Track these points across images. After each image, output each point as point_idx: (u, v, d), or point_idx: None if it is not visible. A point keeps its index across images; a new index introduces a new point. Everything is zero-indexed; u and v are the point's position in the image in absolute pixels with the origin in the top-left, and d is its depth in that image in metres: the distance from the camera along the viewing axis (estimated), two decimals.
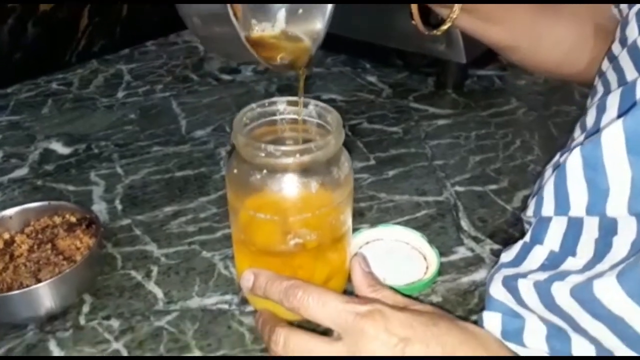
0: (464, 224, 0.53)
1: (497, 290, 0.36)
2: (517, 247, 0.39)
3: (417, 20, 0.53)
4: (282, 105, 0.39)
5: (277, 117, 0.39)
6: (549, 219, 0.37)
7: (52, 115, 0.71)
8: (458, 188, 0.57)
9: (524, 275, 0.35)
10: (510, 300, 0.35)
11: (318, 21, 0.42)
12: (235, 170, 0.37)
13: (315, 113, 0.39)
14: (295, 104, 0.39)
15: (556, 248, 0.36)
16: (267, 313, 0.38)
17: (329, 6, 0.41)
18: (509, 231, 0.52)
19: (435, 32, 0.53)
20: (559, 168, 0.36)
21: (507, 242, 0.50)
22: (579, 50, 0.55)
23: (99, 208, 0.54)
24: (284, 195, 0.36)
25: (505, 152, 0.63)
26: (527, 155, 0.63)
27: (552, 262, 0.35)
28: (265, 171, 0.36)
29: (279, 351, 0.34)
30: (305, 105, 0.39)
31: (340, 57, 0.86)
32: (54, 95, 0.75)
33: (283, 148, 0.34)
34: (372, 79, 0.79)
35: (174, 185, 0.58)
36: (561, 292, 0.32)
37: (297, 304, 0.34)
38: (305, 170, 0.36)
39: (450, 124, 0.69)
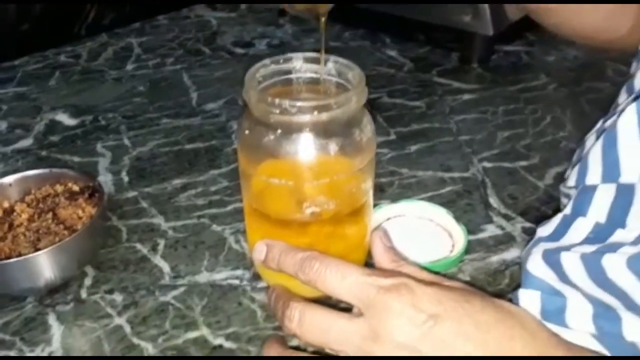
0: (493, 201, 0.49)
1: (535, 266, 0.32)
2: (555, 220, 0.35)
3: None
4: (298, 62, 0.36)
5: (293, 76, 0.36)
6: (594, 189, 0.33)
7: (59, 87, 0.68)
8: (486, 164, 0.54)
9: (567, 249, 0.31)
10: (550, 277, 0.32)
11: None
12: (247, 132, 0.34)
13: (335, 71, 0.35)
14: (312, 60, 0.35)
15: (602, 219, 0.32)
16: (280, 288, 0.34)
17: None
18: (542, 209, 0.48)
19: None
20: (608, 131, 0.33)
21: (540, 220, 0.46)
22: (620, 14, 0.51)
23: (105, 179, 0.51)
24: (300, 158, 0.33)
25: (535, 128, 0.59)
26: (559, 131, 0.59)
27: (598, 235, 0.31)
28: (279, 131, 0.32)
29: (294, 328, 0.31)
30: (324, 62, 0.35)
31: (358, 31, 0.82)
32: (62, 67, 0.73)
33: (299, 104, 0.31)
34: (392, 53, 0.75)
35: (184, 157, 0.55)
36: (615, 264, 0.28)
37: (313, 276, 0.31)
38: (323, 131, 0.32)
39: (477, 99, 0.65)
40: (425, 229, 0.45)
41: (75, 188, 0.44)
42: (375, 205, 0.45)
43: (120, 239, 0.45)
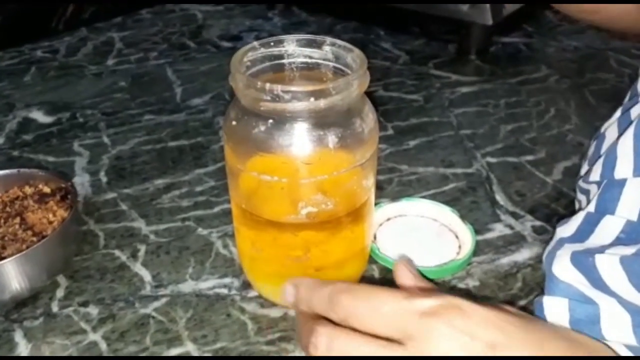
0: (500, 198, 0.46)
1: (563, 270, 0.29)
2: (577, 219, 0.32)
3: None
4: (291, 45, 0.32)
5: (285, 61, 0.32)
6: (622, 184, 0.30)
7: (34, 83, 0.64)
8: (490, 159, 0.50)
9: (600, 251, 0.28)
10: (581, 282, 0.28)
11: None
12: (234, 122, 0.30)
13: (332, 55, 0.32)
14: (306, 43, 0.32)
15: (634, 217, 0.29)
16: (304, 309, 0.28)
17: None
18: (552, 206, 0.45)
19: None
20: (639, 121, 0.29)
21: (551, 218, 0.43)
22: None
23: (81, 180, 0.47)
24: (294, 151, 0.29)
25: (539, 121, 0.56)
26: (564, 124, 0.56)
27: (630, 234, 0.28)
28: (271, 121, 0.29)
29: (320, 356, 0.26)
30: (320, 45, 0.32)
31: (351, 24, 0.79)
32: (38, 62, 0.68)
33: (294, 89, 0.27)
34: (386, 45, 0.72)
35: (167, 156, 0.51)
36: None
37: (344, 314, 0.26)
38: (321, 121, 0.29)
39: (476, 91, 0.62)
40: (429, 230, 0.42)
41: (47, 190, 0.40)
42: (374, 204, 0.42)
43: (97, 245, 0.41)
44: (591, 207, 0.31)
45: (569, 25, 0.76)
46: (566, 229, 0.32)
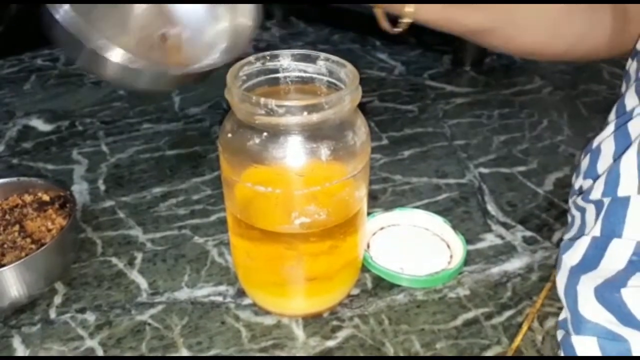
0: (491, 208, 0.46)
1: (591, 310, 0.29)
2: (582, 244, 0.32)
3: (382, 21, 0.52)
4: (286, 59, 0.33)
5: (280, 75, 0.33)
6: (626, 203, 0.30)
7: (34, 92, 0.65)
8: (482, 169, 0.51)
9: (622, 284, 0.28)
10: (610, 321, 0.28)
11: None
12: (229, 135, 0.31)
13: (325, 70, 0.33)
14: (301, 58, 0.33)
15: None
16: None
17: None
18: (542, 216, 0.46)
19: (396, 29, 0.49)
20: None
21: (541, 229, 0.44)
22: (565, 25, 0.50)
23: (80, 188, 0.48)
24: (288, 163, 0.30)
25: (532, 132, 0.57)
26: (557, 135, 0.57)
27: None
28: (265, 134, 0.30)
29: None
30: (314, 59, 0.33)
31: (348, 34, 0.80)
32: (39, 71, 0.69)
33: (287, 103, 0.28)
34: (382, 56, 0.73)
35: (165, 164, 0.52)
36: None
37: None
38: (314, 134, 0.30)
39: (470, 103, 0.63)
40: (421, 239, 0.43)
41: (46, 198, 0.40)
42: (368, 214, 0.43)
43: (95, 253, 0.41)
44: (596, 231, 0.31)
45: None
46: (573, 256, 0.32)
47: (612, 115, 0.41)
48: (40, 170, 0.51)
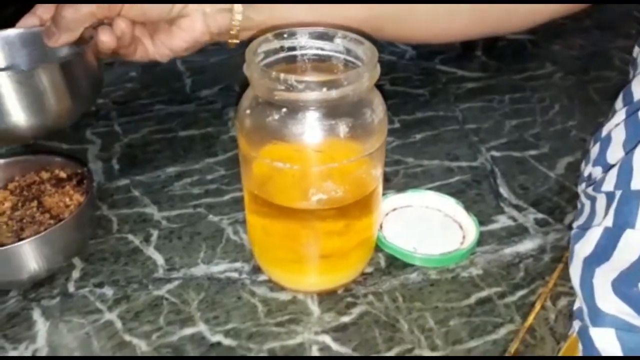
0: (503, 191, 0.47)
1: (608, 303, 0.29)
2: (594, 234, 0.32)
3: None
4: (303, 37, 0.33)
5: (298, 53, 0.33)
6: (639, 195, 0.30)
7: None
8: (494, 153, 0.51)
9: (638, 277, 0.28)
10: (627, 313, 0.29)
11: None
12: (247, 111, 0.31)
13: (343, 47, 0.33)
14: (319, 36, 0.33)
15: None
16: None
17: None
18: (554, 199, 0.46)
19: (230, 41, 0.49)
20: None
21: (553, 211, 0.45)
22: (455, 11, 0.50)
23: (94, 167, 0.49)
24: (306, 140, 0.30)
25: (543, 117, 0.57)
26: (568, 120, 0.57)
27: None
28: (284, 110, 0.30)
29: None
30: (331, 37, 0.33)
31: None
32: None
33: (307, 79, 0.28)
34: None
35: (178, 145, 0.52)
36: None
37: None
38: (332, 111, 0.30)
39: (482, 87, 0.63)
40: (433, 220, 0.43)
41: (63, 175, 0.41)
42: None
43: (111, 230, 0.42)
44: (608, 222, 0.31)
45: (574, 24, 0.77)
46: (585, 247, 0.32)
47: (619, 103, 0.41)
48: (54, 149, 0.51)
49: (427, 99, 0.60)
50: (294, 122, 0.30)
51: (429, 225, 0.42)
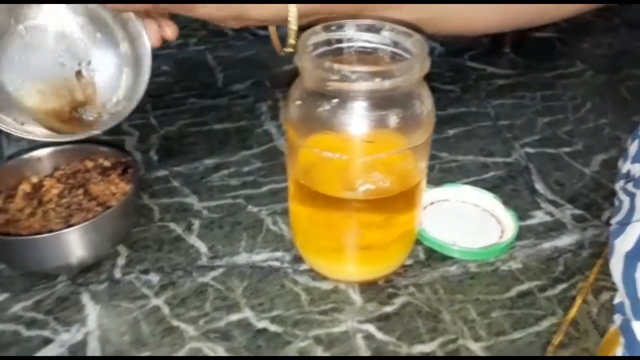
0: (539, 187, 0.47)
1: None
2: (635, 229, 0.33)
3: (274, 38, 0.50)
4: (350, 29, 0.33)
5: (344, 45, 0.34)
6: None
7: None
8: (528, 149, 0.51)
9: None
10: None
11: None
12: (297, 102, 0.32)
13: (390, 40, 0.33)
14: (366, 28, 0.33)
15: None
16: None
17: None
18: (591, 196, 0.46)
19: (286, 49, 0.49)
20: None
21: (590, 207, 0.45)
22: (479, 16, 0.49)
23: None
24: (356, 129, 0.31)
25: (575, 115, 0.57)
26: (600, 118, 0.57)
27: None
28: (336, 100, 0.30)
29: None
30: (378, 30, 0.33)
31: None
32: None
33: (360, 69, 0.29)
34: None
35: (214, 137, 0.53)
36: None
37: None
38: (383, 101, 0.30)
39: (512, 84, 0.63)
40: (471, 214, 0.43)
41: (107, 164, 0.42)
42: None
43: (153, 218, 0.43)
44: None
45: (602, 22, 0.77)
46: (626, 242, 0.33)
47: None
48: (92, 140, 0.52)
49: (458, 95, 0.60)
50: (345, 112, 0.30)
51: (467, 219, 0.43)
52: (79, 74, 0.41)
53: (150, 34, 0.42)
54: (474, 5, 0.48)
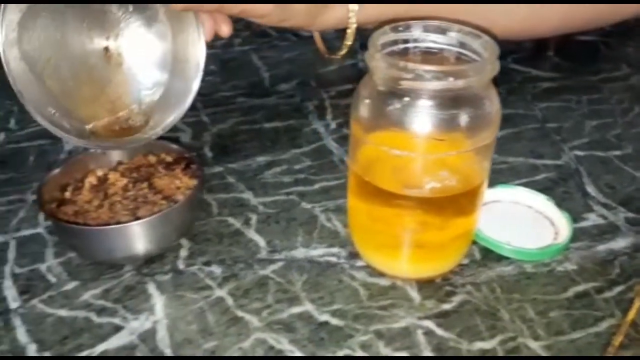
0: (591, 189, 0.47)
1: None
2: None
3: (319, 43, 0.50)
4: (417, 30, 0.34)
5: (410, 45, 0.35)
6: None
7: None
8: (577, 152, 0.51)
9: None
10: None
11: (172, 115, 0.42)
12: (367, 101, 0.33)
13: (456, 41, 0.34)
14: (433, 29, 0.34)
15: None
16: None
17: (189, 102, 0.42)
18: None
19: (338, 53, 0.49)
20: None
21: None
22: (537, 18, 0.49)
23: None
24: (427, 128, 0.31)
25: (624, 118, 0.57)
26: None
27: None
28: (407, 98, 0.31)
29: None
30: (445, 30, 0.34)
31: None
32: None
33: (434, 69, 0.29)
34: None
35: (264, 136, 0.54)
36: None
37: None
38: (454, 100, 0.31)
39: (557, 87, 0.63)
40: (524, 216, 0.43)
41: (169, 159, 0.43)
42: None
43: (211, 213, 0.44)
44: None
45: None
46: None
47: None
48: None
49: (504, 97, 0.60)
50: (415, 110, 0.31)
51: (520, 221, 0.43)
52: (106, 50, 0.41)
53: (206, 28, 0.43)
54: (532, 7, 0.48)
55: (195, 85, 0.43)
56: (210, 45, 0.72)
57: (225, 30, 0.46)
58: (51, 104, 0.38)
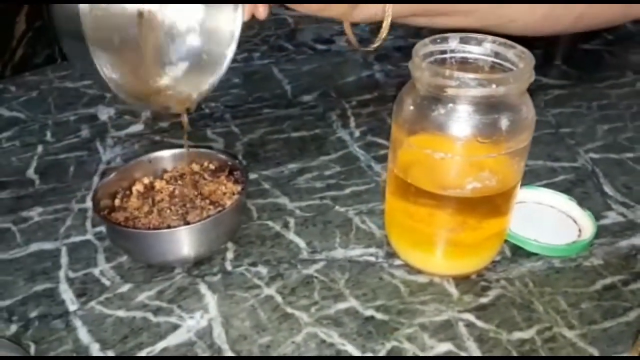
0: (608, 189, 0.49)
1: None
2: None
3: (350, 35, 0.53)
4: (454, 41, 0.37)
5: (447, 56, 0.37)
6: None
7: None
8: (592, 155, 0.54)
9: None
10: None
11: (209, 79, 0.45)
12: (411, 107, 0.35)
13: (491, 51, 0.36)
14: (469, 40, 0.37)
15: None
16: None
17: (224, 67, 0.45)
18: None
19: (371, 46, 0.52)
20: None
21: None
22: (554, 17, 0.52)
23: None
24: (470, 130, 0.34)
25: (633, 122, 0.60)
26: None
27: None
28: (451, 105, 0.33)
29: None
30: (480, 42, 0.36)
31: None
32: None
33: (479, 77, 0.32)
34: None
35: (293, 144, 0.56)
36: None
37: None
38: (494, 106, 0.33)
39: (568, 94, 0.66)
40: (548, 215, 0.46)
41: (212, 166, 0.45)
42: None
43: (252, 217, 0.46)
44: None
45: None
46: None
47: None
48: (181, 146, 0.56)
49: None
50: (459, 115, 0.33)
51: (545, 220, 0.45)
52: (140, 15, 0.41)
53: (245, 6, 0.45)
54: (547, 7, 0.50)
55: (230, 52, 0.44)
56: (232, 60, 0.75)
57: (262, 11, 0.48)
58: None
